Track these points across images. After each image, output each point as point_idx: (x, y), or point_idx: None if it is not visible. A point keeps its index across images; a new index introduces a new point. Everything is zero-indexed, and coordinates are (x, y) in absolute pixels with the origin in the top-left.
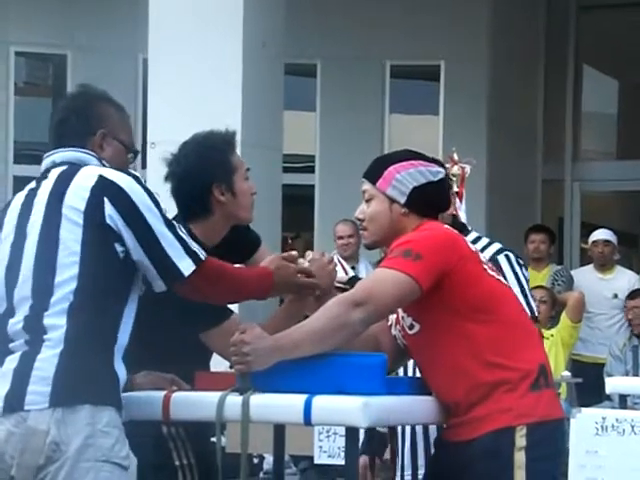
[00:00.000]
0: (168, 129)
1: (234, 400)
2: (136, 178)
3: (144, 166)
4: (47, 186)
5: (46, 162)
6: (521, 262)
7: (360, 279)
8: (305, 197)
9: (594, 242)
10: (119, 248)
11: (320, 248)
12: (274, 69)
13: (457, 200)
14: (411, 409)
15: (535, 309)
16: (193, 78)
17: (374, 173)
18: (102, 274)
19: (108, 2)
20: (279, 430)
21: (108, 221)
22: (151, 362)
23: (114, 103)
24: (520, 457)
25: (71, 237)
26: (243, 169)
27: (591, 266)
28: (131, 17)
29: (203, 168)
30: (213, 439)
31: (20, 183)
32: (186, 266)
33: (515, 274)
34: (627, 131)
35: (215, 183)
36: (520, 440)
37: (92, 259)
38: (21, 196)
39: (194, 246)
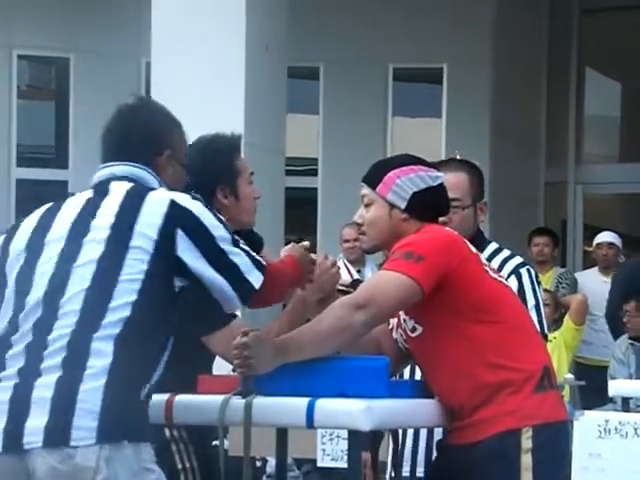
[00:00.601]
0: None
1: (237, 403)
2: (201, 201)
3: None
4: (113, 203)
5: (104, 173)
6: (539, 279)
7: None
8: (308, 200)
9: (598, 244)
10: (178, 282)
11: (323, 251)
12: (277, 72)
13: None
14: (414, 412)
15: (546, 327)
16: (196, 81)
17: (374, 178)
18: (156, 306)
19: (111, 6)
20: (282, 433)
21: (179, 253)
22: None
23: (176, 121)
24: (527, 459)
25: (137, 264)
26: (247, 173)
27: (595, 269)
28: (134, 21)
29: (207, 171)
30: (215, 442)
31: (23, 186)
32: (256, 278)
33: (534, 289)
34: (630, 134)
35: (219, 186)
36: (526, 442)
37: (152, 289)
38: (76, 203)
39: (256, 255)
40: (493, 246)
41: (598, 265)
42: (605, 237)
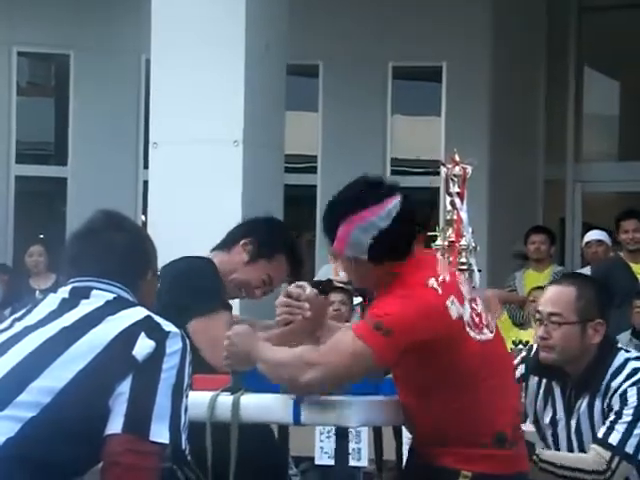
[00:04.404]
0: (170, 129)
1: (225, 400)
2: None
3: (146, 166)
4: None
5: (78, 285)
6: None
7: None
8: (307, 197)
9: (587, 243)
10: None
11: (322, 248)
12: (276, 69)
13: (458, 201)
14: (400, 410)
15: (628, 446)
16: (196, 78)
17: (328, 233)
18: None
19: (111, 3)
20: (283, 431)
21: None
22: None
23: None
24: None
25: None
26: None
27: (587, 268)
28: (134, 17)
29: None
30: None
31: (22, 182)
32: (159, 434)
33: (636, 408)
34: (628, 132)
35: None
36: None
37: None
38: (55, 299)
39: (184, 437)
40: (622, 356)
41: (590, 264)
42: (593, 235)
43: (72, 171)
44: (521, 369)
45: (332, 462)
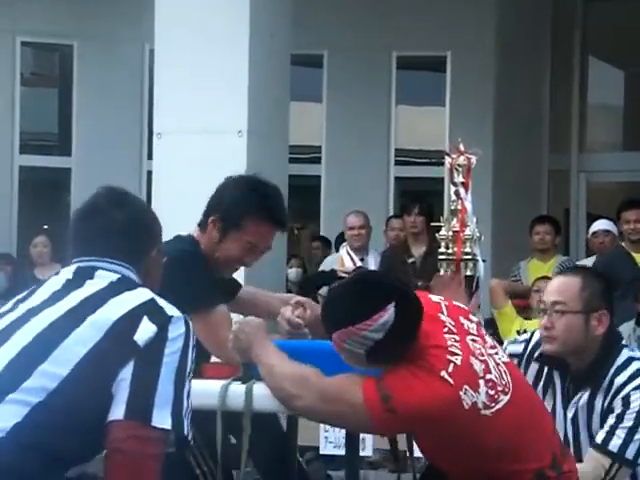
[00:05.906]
0: (174, 120)
1: (237, 389)
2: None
3: (150, 156)
4: (93, 287)
5: (82, 265)
6: None
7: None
8: (311, 188)
9: (594, 233)
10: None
11: (328, 236)
12: (280, 59)
13: (463, 191)
14: None
15: (630, 451)
16: (199, 68)
17: (326, 331)
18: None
19: None
20: (292, 420)
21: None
22: None
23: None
24: None
25: (88, 336)
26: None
27: (593, 258)
28: (137, 7)
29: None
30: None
31: (26, 173)
32: (161, 420)
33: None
34: (633, 122)
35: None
36: None
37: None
38: (59, 280)
39: (187, 423)
40: (625, 355)
41: (596, 254)
42: (601, 225)
43: (76, 161)
44: (519, 348)
45: (337, 452)
